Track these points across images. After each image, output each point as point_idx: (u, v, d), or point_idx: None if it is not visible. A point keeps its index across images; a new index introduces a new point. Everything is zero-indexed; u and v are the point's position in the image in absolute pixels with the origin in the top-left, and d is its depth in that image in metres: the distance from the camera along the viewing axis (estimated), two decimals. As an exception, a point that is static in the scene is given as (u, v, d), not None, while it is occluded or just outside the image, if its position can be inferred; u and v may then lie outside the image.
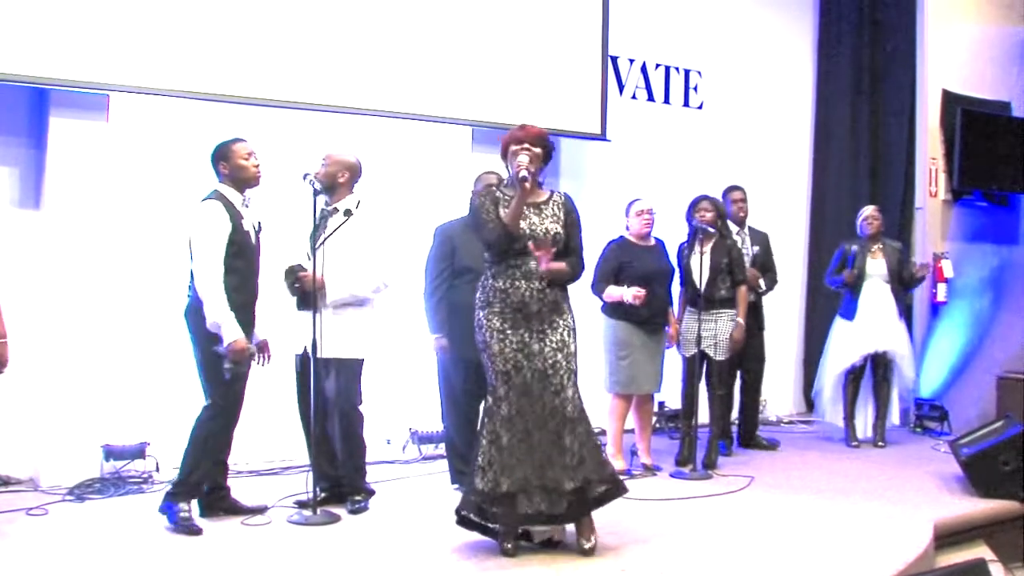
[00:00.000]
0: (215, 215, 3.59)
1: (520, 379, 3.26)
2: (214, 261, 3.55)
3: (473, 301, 3.40)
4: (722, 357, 4.90)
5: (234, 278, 3.59)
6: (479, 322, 3.33)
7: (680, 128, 6.37)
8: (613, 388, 4.74)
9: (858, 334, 5.60)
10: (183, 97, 4.40)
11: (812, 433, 6.18)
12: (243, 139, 3.76)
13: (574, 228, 3.44)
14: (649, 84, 6.27)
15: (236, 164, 3.69)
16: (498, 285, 3.31)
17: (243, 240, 3.64)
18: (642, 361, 4.71)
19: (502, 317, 3.29)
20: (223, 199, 3.64)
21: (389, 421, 4.97)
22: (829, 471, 4.98)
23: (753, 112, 6.71)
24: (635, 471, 4.76)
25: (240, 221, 3.64)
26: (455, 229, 4.33)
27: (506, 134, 3.43)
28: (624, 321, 4.67)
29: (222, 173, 3.71)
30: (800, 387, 6.99)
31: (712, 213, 4.89)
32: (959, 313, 6.75)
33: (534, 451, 3.25)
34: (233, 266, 3.59)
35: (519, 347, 3.27)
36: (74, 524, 3.74)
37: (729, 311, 4.92)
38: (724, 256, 4.89)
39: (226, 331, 3.53)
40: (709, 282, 4.84)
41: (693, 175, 6.03)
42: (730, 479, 4.68)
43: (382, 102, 4.89)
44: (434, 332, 4.29)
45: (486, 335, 3.30)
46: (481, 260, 3.49)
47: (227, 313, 3.53)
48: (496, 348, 3.28)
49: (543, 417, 3.27)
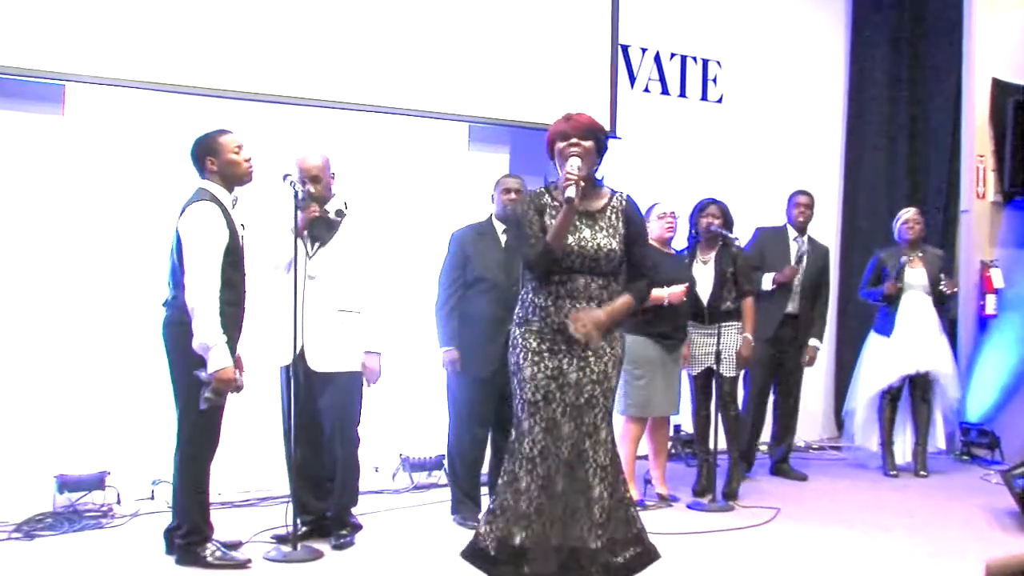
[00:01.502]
0: (212, 220, 3.52)
1: (549, 412, 3.11)
2: (211, 273, 3.47)
3: (485, 313, 3.42)
4: (732, 373, 4.98)
5: (230, 293, 3.54)
6: (514, 341, 3.20)
7: (698, 124, 6.45)
8: (627, 411, 4.81)
9: (895, 352, 5.67)
10: (148, 89, 4.39)
11: (843, 460, 6.25)
12: (229, 130, 3.74)
13: (639, 240, 3.24)
14: (663, 76, 6.36)
15: (226, 159, 3.64)
16: (539, 301, 3.16)
17: (237, 247, 3.61)
18: (659, 381, 4.79)
19: (540, 337, 3.14)
20: (216, 200, 3.58)
21: (377, 446, 4.99)
22: (864, 503, 5.04)
23: (778, 106, 6.79)
24: (649, 501, 4.83)
25: (234, 226, 3.61)
26: (467, 236, 4.44)
27: (551, 127, 3.23)
28: (643, 336, 4.74)
29: (208, 170, 3.65)
30: (829, 408, 7.06)
31: (720, 220, 4.99)
32: (1010, 327, 6.75)
33: (556, 502, 3.09)
34: (230, 279, 3.54)
35: (554, 374, 3.12)
36: (21, 566, 3.68)
37: (736, 324, 5.00)
38: (729, 265, 4.98)
39: (215, 356, 3.45)
40: (714, 294, 4.95)
41: (711, 176, 6.12)
42: (753, 511, 4.74)
43: (366, 95, 4.94)
44: (443, 345, 4.35)
45: (520, 356, 3.16)
46: (496, 269, 3.55)
47: (219, 336, 3.45)
48: (528, 372, 3.13)
49: (570, 462, 3.10)
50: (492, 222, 4.48)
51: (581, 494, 3.09)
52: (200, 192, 3.63)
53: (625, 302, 3.17)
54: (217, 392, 3.48)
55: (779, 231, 5.67)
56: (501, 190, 4.45)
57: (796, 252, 5.58)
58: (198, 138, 3.72)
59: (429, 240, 4.98)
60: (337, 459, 3.98)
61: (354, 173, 4.63)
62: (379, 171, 5.17)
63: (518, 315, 3.23)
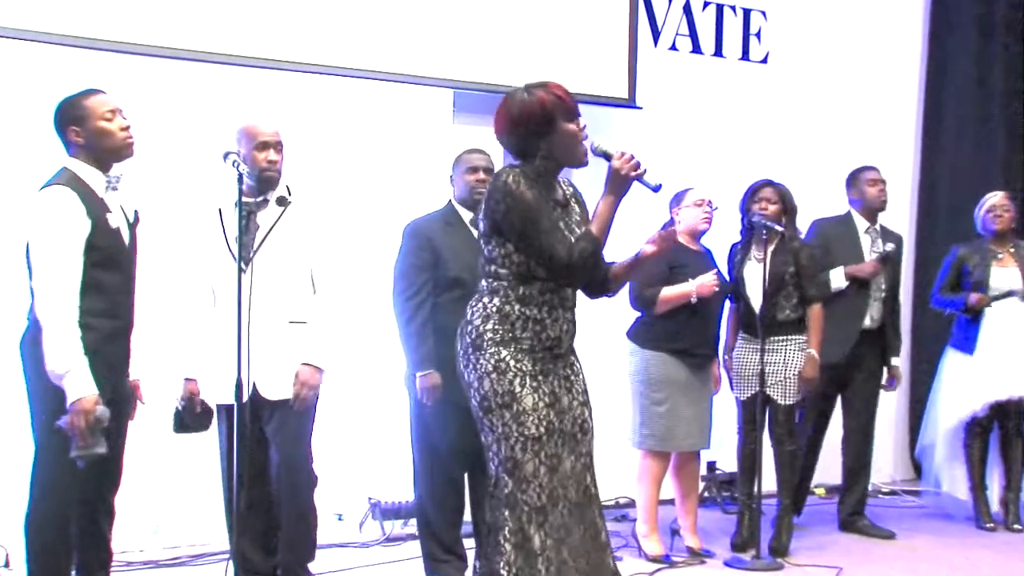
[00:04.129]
0: (63, 208, 3.38)
1: (552, 448, 3.22)
2: (62, 277, 3.34)
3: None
4: (790, 401, 4.98)
5: (98, 299, 3.42)
6: (499, 364, 3.22)
7: (737, 89, 6.45)
8: (644, 443, 4.81)
9: (980, 374, 5.66)
10: (34, 40, 4.35)
11: (922, 509, 6.23)
12: (101, 90, 3.58)
13: None
14: (694, 30, 6.36)
15: (95, 128, 3.49)
16: (530, 313, 3.26)
17: (111, 242, 3.48)
18: (684, 407, 4.79)
19: (533, 358, 3.25)
20: (75, 182, 3.44)
21: (341, 488, 5.02)
22: (950, 564, 4.99)
23: (836, 67, 6.79)
24: (677, 557, 4.84)
25: (104, 215, 3.47)
26: (434, 228, 4.36)
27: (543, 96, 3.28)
28: (661, 352, 4.73)
29: (73, 143, 3.51)
30: (902, 444, 7.05)
31: (777, 205, 4.98)
32: None
33: (578, 557, 3.22)
34: (97, 281, 3.42)
35: (551, 402, 3.25)
36: None
37: (797, 338, 5.00)
38: (790, 264, 4.97)
39: (71, 384, 3.27)
40: (769, 299, 4.92)
41: (753, 155, 6.11)
42: (807, 570, 4.73)
43: (329, 55, 4.94)
44: (419, 369, 4.26)
45: (514, 383, 3.21)
46: (475, 269, 3.50)
47: (75, 358, 3.30)
48: (529, 402, 3.20)
49: (580, 503, 3.26)
50: (455, 208, 4.42)
51: (595, 541, 3.25)
52: (57, 173, 3.49)
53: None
54: (77, 431, 3.23)
55: (844, 220, 5.59)
56: (465, 168, 4.38)
57: (872, 246, 5.47)
58: (60, 103, 3.55)
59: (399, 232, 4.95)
60: (289, 503, 3.99)
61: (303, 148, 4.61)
62: (336, 147, 5.18)
63: (494, 330, 3.24)
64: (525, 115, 3.28)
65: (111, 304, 3.47)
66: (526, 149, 3.32)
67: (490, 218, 3.26)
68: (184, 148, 4.76)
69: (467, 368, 3.29)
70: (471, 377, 3.27)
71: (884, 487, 6.71)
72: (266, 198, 4.00)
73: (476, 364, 3.25)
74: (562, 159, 3.33)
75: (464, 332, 3.31)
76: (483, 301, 3.30)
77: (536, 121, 3.27)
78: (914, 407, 6.88)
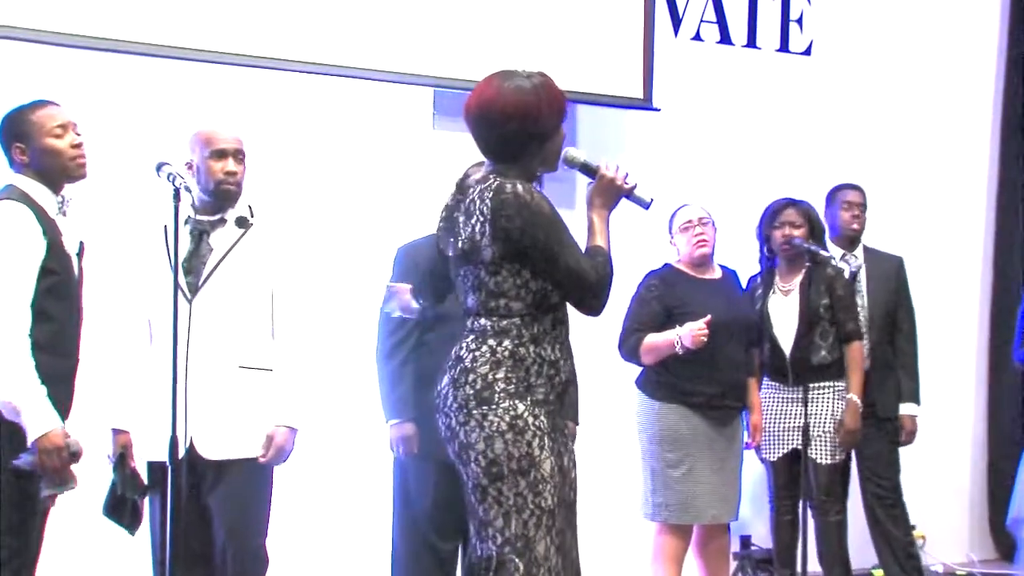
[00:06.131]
0: (17, 224, 3.51)
1: (560, 523, 3.22)
2: (13, 300, 3.45)
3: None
4: (830, 460, 4.95)
5: (47, 330, 3.52)
6: (515, 422, 3.17)
7: (773, 87, 6.46)
8: (658, 515, 4.79)
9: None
10: None
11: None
12: (51, 102, 3.72)
13: None
14: (723, 17, 6.38)
15: (42, 146, 3.62)
16: (545, 354, 3.24)
17: (63, 267, 3.60)
18: (707, 472, 4.76)
19: (547, 410, 3.23)
20: (26, 200, 3.57)
21: (299, 568, 4.99)
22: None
23: (893, 61, 6.78)
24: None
25: (58, 237, 3.60)
26: (424, 253, 4.31)
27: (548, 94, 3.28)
28: (676, 403, 4.72)
29: (18, 161, 3.67)
30: (981, 515, 7.02)
31: (803, 228, 4.97)
32: None
33: None
34: (47, 310, 3.52)
35: (560, 465, 3.26)
36: None
37: (835, 384, 4.98)
38: (823, 296, 4.96)
39: (32, 418, 3.40)
40: (801, 338, 4.90)
41: (793, 164, 6.14)
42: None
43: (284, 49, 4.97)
44: (392, 417, 4.35)
45: (532, 445, 3.17)
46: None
47: (34, 388, 3.42)
48: (547, 468, 3.17)
49: None
50: None
51: None
52: (5, 189, 3.62)
53: None
54: (50, 470, 3.37)
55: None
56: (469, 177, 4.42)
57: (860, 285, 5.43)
58: (4, 115, 3.71)
59: (375, 258, 4.97)
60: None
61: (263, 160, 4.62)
62: (298, 156, 5.21)
63: (507, 379, 3.18)
64: (535, 108, 3.23)
65: (58, 338, 3.57)
66: (518, 150, 3.27)
67: (502, 241, 3.17)
68: (125, 155, 4.77)
69: (466, 426, 3.19)
70: (473, 437, 3.17)
71: (959, 570, 6.67)
72: (223, 217, 4.01)
73: (483, 421, 3.17)
74: (548, 167, 3.34)
75: (461, 382, 3.21)
76: (488, 344, 3.21)
77: (544, 119, 3.25)
78: (993, 475, 6.92)
